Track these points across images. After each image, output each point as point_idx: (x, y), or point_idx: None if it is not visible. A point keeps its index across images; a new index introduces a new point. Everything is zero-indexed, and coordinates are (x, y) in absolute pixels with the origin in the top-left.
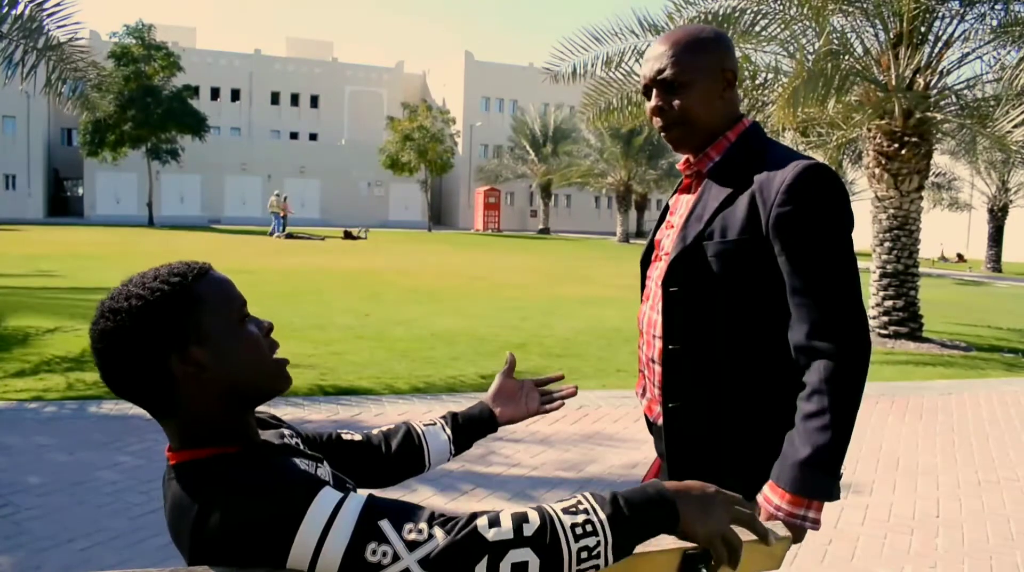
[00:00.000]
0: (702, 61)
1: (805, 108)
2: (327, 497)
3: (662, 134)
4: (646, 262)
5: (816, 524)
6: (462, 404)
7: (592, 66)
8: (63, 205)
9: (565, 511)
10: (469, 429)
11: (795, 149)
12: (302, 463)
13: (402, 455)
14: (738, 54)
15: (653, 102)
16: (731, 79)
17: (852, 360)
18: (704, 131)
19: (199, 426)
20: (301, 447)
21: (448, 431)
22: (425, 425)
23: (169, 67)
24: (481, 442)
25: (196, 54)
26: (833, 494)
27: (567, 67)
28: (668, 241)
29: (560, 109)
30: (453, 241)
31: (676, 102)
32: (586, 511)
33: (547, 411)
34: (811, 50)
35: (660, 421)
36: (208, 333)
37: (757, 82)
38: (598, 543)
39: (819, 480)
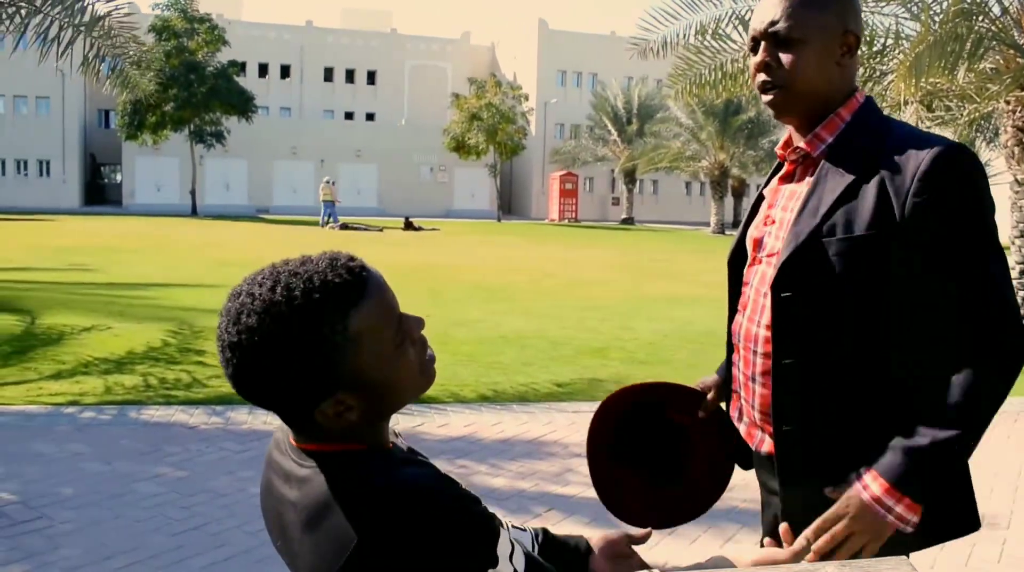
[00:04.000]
0: (823, 17)
1: (930, 78)
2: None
3: (763, 96)
4: (737, 262)
5: (904, 522)
6: (534, 414)
7: (684, 36)
8: (100, 193)
9: None
10: (556, 553)
11: (919, 126)
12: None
13: None
14: None
15: (759, 56)
16: (853, 44)
17: (1000, 368)
18: (812, 99)
19: (339, 433)
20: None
21: (537, 544)
22: (513, 527)
23: (213, 42)
24: (557, 458)
25: (242, 27)
26: (924, 498)
27: (657, 38)
28: (772, 239)
29: (645, 83)
30: (525, 232)
31: (788, 59)
32: None
33: None
34: (938, 10)
35: (763, 449)
36: (363, 372)
37: (874, 48)
38: None
39: (922, 475)
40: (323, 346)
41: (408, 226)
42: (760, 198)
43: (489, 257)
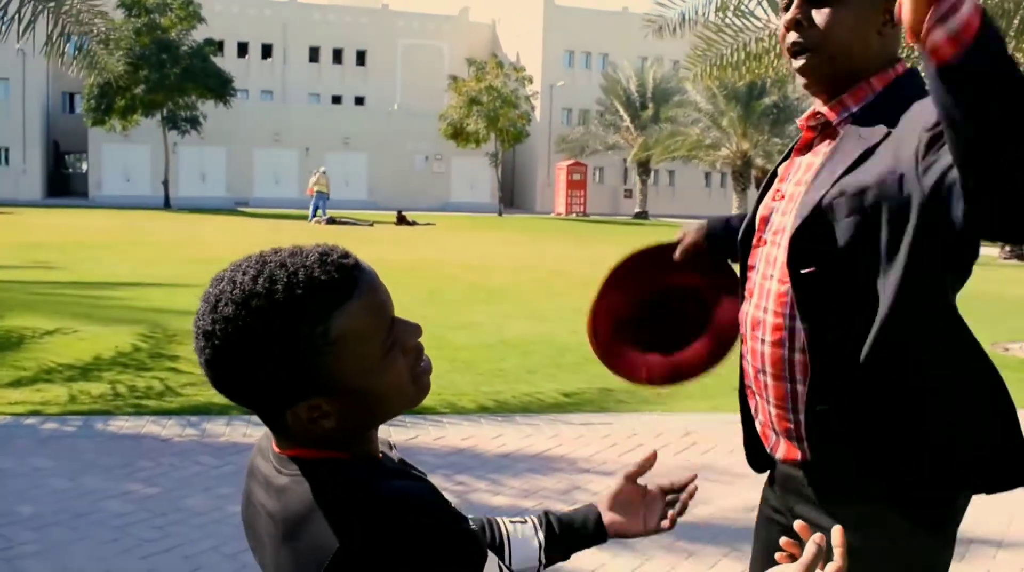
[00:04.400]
0: None
1: None
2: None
3: (793, 61)
4: (746, 247)
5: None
6: (539, 426)
7: (703, 12)
8: (64, 184)
9: None
10: (568, 538)
11: None
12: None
13: None
14: None
15: (790, 13)
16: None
17: None
18: (846, 68)
19: (316, 439)
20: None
21: (540, 536)
22: (512, 522)
23: (188, 18)
24: (564, 474)
25: (220, 2)
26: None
27: (674, 15)
28: (779, 215)
29: (660, 64)
30: (529, 227)
31: (821, 18)
32: None
33: (668, 528)
34: None
35: (779, 453)
36: (343, 378)
37: None
38: None
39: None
40: (300, 346)
41: (401, 220)
42: (774, 174)
43: (490, 254)
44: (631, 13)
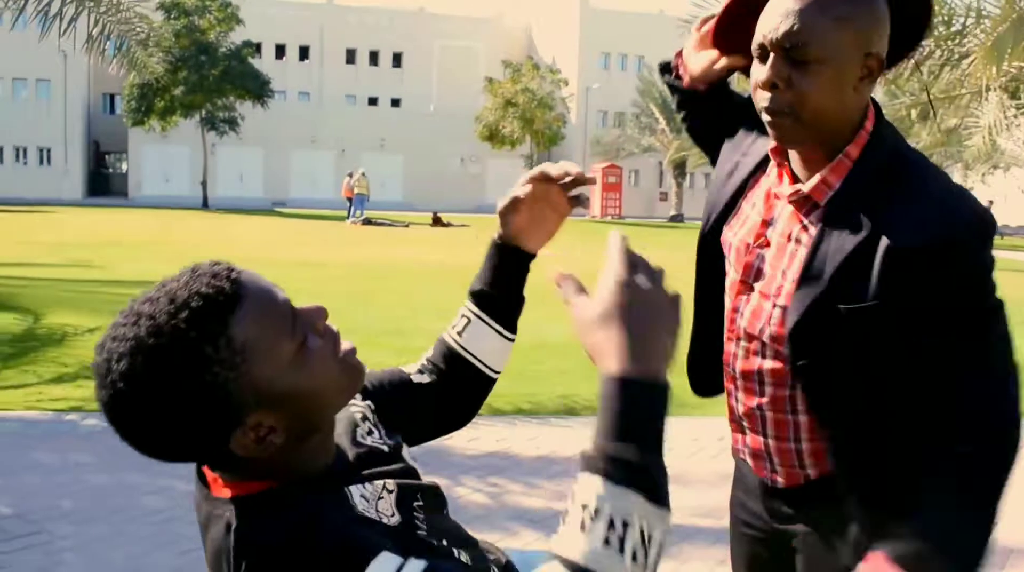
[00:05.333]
0: (846, 36)
1: (1015, 61)
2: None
3: (766, 118)
4: (707, 258)
5: None
6: (574, 428)
7: None
8: (104, 184)
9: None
10: (504, 296)
11: (1003, 115)
12: (364, 500)
13: (457, 382)
14: None
15: (766, 73)
16: (875, 68)
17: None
18: (820, 129)
19: (265, 465)
20: (376, 440)
21: (487, 320)
22: (458, 331)
23: (226, 20)
24: None
25: (258, 4)
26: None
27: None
28: (769, 269)
29: None
30: (563, 229)
31: (800, 80)
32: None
33: (580, 203)
34: None
35: (780, 480)
36: (269, 383)
37: (952, 29)
38: (642, 530)
39: None
40: (212, 367)
41: (436, 222)
42: (739, 191)
43: None
44: (667, 15)
